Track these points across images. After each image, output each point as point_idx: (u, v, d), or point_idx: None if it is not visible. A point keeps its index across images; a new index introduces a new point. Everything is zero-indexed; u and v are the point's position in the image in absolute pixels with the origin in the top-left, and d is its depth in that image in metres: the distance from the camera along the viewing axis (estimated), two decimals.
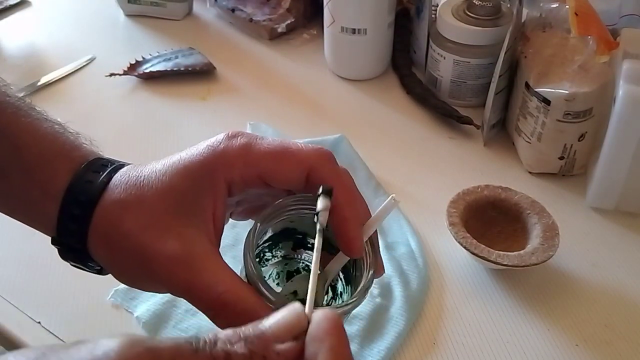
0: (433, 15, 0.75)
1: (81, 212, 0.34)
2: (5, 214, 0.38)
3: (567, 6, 0.64)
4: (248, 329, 0.26)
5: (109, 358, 0.23)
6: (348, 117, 0.75)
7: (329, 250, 0.36)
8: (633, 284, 0.54)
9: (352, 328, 0.49)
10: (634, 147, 0.56)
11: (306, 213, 0.36)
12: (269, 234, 0.39)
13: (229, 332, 0.26)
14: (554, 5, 0.66)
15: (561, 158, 0.63)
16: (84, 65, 0.83)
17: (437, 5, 0.75)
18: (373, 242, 0.36)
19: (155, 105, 0.76)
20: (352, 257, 0.35)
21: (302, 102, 0.77)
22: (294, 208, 0.36)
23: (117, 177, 0.35)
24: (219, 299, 0.31)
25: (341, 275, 0.39)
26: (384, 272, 0.37)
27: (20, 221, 0.38)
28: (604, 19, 0.65)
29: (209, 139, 0.36)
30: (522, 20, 0.68)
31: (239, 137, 0.35)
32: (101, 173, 0.35)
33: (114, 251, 0.34)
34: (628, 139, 0.56)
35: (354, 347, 0.48)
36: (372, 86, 0.80)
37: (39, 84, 0.79)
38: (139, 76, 0.79)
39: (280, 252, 0.41)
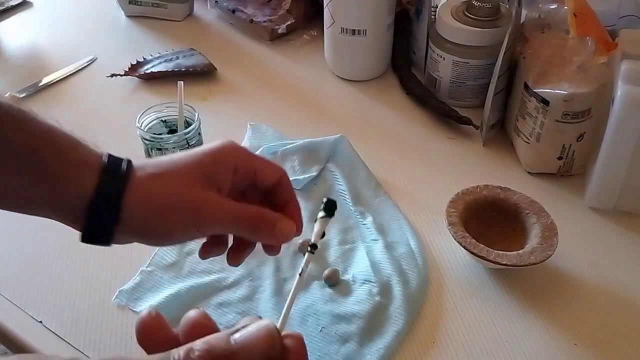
0: (432, 17, 0.76)
1: (116, 184, 0.39)
2: (30, 210, 0.41)
3: (565, 7, 0.64)
4: (220, 349, 0.30)
5: None
6: (348, 117, 0.75)
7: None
8: (631, 284, 0.55)
9: (351, 327, 0.50)
10: (633, 147, 0.56)
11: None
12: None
13: (202, 352, 0.30)
14: (553, 7, 0.66)
15: (560, 158, 0.63)
16: (86, 66, 0.84)
17: (437, 7, 0.75)
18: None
19: None
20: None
21: (302, 102, 0.77)
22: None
23: (137, 162, 0.41)
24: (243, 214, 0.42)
25: None
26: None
27: (44, 213, 0.41)
28: (602, 20, 0.66)
29: (211, 143, 0.43)
30: (521, 21, 0.68)
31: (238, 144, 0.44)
32: (122, 159, 0.41)
33: (155, 209, 0.40)
34: (626, 139, 0.56)
35: (353, 345, 0.49)
36: (371, 87, 0.80)
37: (40, 84, 0.79)
38: (140, 77, 0.80)
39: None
